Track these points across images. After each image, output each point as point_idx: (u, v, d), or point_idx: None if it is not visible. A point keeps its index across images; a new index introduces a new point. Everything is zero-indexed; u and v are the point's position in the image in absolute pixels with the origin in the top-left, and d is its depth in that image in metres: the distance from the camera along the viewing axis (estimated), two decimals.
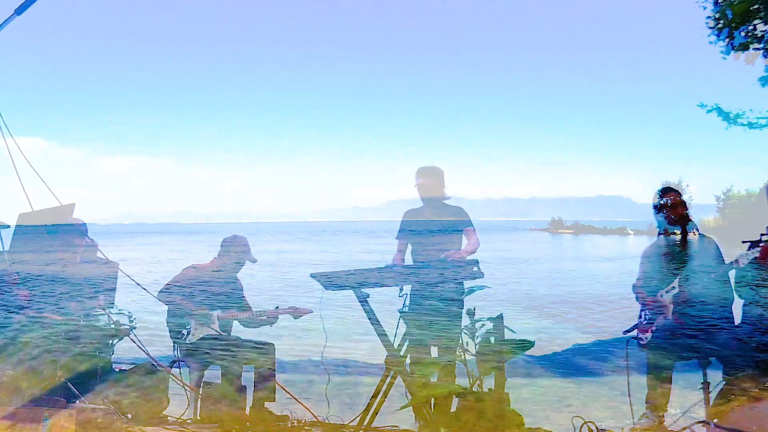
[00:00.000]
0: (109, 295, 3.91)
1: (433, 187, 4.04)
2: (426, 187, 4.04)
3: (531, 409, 4.03)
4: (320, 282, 3.50)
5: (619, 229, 44.29)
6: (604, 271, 16.52)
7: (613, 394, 4.31)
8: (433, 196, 4.04)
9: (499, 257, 19.59)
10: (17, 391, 3.26)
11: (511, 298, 10.41)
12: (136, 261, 16.14)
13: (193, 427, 3.62)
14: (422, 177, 4.04)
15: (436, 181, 4.05)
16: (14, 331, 3.50)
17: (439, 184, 4.06)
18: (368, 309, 3.49)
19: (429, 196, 4.04)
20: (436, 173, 4.05)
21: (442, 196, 4.05)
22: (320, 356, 3.85)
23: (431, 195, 4.04)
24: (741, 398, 3.07)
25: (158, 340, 4.16)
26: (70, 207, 3.91)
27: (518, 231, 51.28)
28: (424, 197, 4.06)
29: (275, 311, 4.10)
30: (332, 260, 19.16)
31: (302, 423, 3.68)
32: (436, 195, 4.05)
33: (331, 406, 3.75)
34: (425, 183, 4.04)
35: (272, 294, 8.97)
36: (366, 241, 30.40)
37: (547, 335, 7.26)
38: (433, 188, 4.05)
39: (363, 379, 4.75)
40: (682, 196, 3.57)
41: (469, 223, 4.00)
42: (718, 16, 8.41)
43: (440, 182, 4.06)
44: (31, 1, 3.66)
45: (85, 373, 3.53)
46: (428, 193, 4.05)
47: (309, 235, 42.66)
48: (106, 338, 3.78)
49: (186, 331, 3.94)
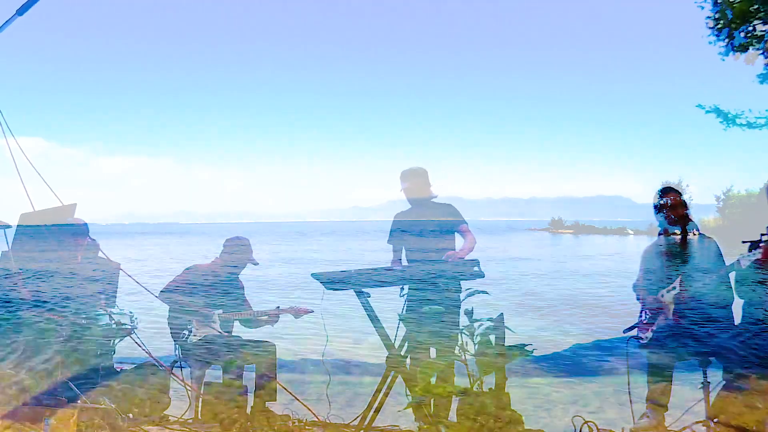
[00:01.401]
0: (110, 295, 3.92)
1: (418, 189, 4.07)
2: (411, 189, 4.07)
3: (531, 409, 4.04)
4: (321, 282, 3.51)
5: (619, 229, 44.27)
6: (604, 271, 16.51)
7: (613, 394, 4.31)
8: (420, 197, 4.07)
9: (498, 257, 19.59)
10: (19, 391, 3.27)
11: (511, 298, 10.42)
12: (136, 261, 16.13)
13: (194, 427, 3.63)
14: (406, 179, 4.07)
15: (421, 181, 4.07)
16: (16, 331, 3.50)
17: (425, 185, 4.08)
18: (369, 309, 3.50)
19: (415, 197, 4.07)
20: (419, 174, 4.07)
21: (429, 196, 4.07)
22: (321, 356, 3.85)
23: (417, 196, 4.07)
24: (741, 397, 3.07)
25: (159, 339, 4.16)
26: (71, 207, 3.92)
27: (518, 231, 51.26)
28: (411, 198, 4.09)
29: (276, 311, 4.11)
30: (332, 260, 19.16)
31: (303, 422, 3.70)
32: (423, 195, 4.08)
33: (331, 406, 3.76)
34: (410, 185, 4.07)
35: (273, 294, 8.97)
36: (366, 241, 30.40)
37: (547, 335, 7.26)
38: (418, 189, 4.07)
39: (363, 378, 4.75)
40: (682, 196, 3.57)
41: (462, 221, 4.01)
42: (718, 17, 8.41)
43: (425, 182, 4.08)
44: (32, 1, 3.66)
45: (87, 373, 3.54)
46: (414, 195, 4.08)
47: (309, 235, 42.65)
48: (107, 338, 3.79)
49: (187, 331, 3.95)
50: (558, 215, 70.31)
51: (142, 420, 3.59)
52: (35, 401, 3.22)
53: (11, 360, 3.40)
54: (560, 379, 5.12)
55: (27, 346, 3.44)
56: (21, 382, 3.32)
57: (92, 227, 4.05)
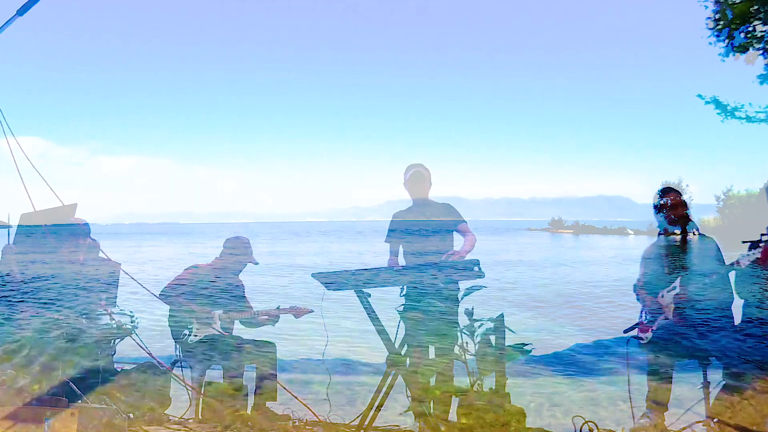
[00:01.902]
0: (111, 295, 3.92)
1: (420, 186, 4.07)
2: (414, 186, 4.07)
3: (531, 409, 4.04)
4: (321, 282, 3.51)
5: (619, 229, 44.33)
6: (604, 271, 16.52)
7: (613, 394, 4.31)
8: (422, 197, 4.07)
9: (498, 257, 19.60)
10: (19, 391, 3.27)
11: (511, 298, 10.43)
12: (137, 261, 16.15)
13: (195, 427, 3.63)
14: (411, 176, 4.06)
15: (424, 180, 4.07)
16: (17, 331, 3.51)
17: (427, 184, 4.08)
18: (369, 309, 3.50)
19: (418, 197, 4.07)
20: (423, 172, 4.07)
21: (429, 196, 4.09)
22: (321, 356, 3.85)
23: (419, 194, 4.07)
24: (741, 397, 3.08)
25: (160, 339, 4.17)
26: (72, 207, 3.92)
27: (518, 231, 51.26)
28: (414, 197, 4.09)
29: (276, 311, 4.11)
30: (333, 260, 19.17)
31: (303, 422, 3.70)
32: (424, 195, 4.08)
33: (332, 406, 3.76)
34: (414, 182, 4.06)
35: (273, 294, 8.98)
36: (366, 240, 30.40)
37: (548, 335, 7.26)
38: (420, 187, 4.07)
39: (364, 378, 4.76)
40: (682, 196, 3.57)
41: (462, 220, 4.01)
42: (718, 17, 8.42)
43: (429, 181, 4.08)
44: (33, 2, 3.66)
45: (87, 373, 3.54)
46: (417, 193, 4.08)
47: (309, 235, 42.65)
48: (108, 338, 3.79)
49: (188, 330, 3.95)
50: (558, 215, 70.33)
51: (143, 420, 3.59)
52: (36, 401, 3.22)
53: (12, 360, 3.40)
54: (560, 379, 5.12)
55: (28, 346, 3.45)
56: (21, 382, 3.32)
57: (91, 227, 4.06)
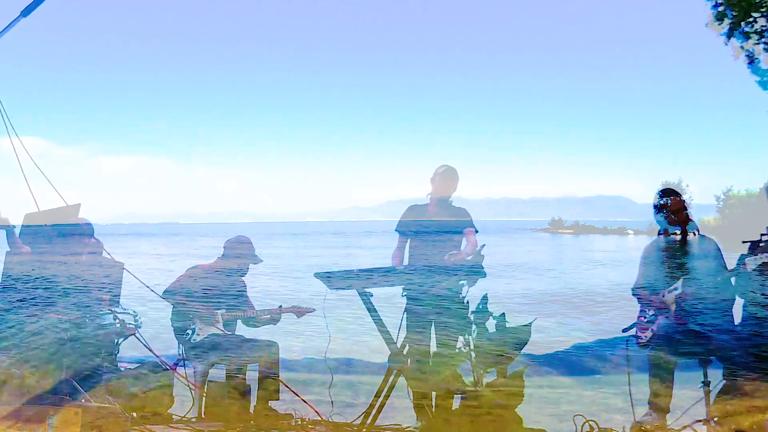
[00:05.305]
0: (114, 295, 3.93)
1: (451, 184, 4.10)
2: (446, 183, 4.09)
3: (531, 408, 4.05)
4: (323, 281, 3.53)
5: (619, 229, 44.31)
6: (604, 271, 16.52)
7: (614, 393, 4.32)
8: (446, 195, 4.10)
9: (498, 257, 19.59)
10: (23, 390, 3.28)
11: (511, 297, 10.42)
12: (139, 261, 16.14)
13: (198, 426, 3.64)
14: (445, 171, 4.09)
15: (455, 179, 4.11)
16: (19, 330, 3.52)
17: (456, 184, 4.12)
18: (371, 308, 3.52)
19: (443, 195, 4.09)
20: (452, 174, 4.10)
21: (450, 198, 4.12)
22: (323, 355, 3.87)
23: (445, 193, 4.10)
24: (741, 397, 3.09)
25: (163, 339, 4.18)
26: (75, 207, 3.93)
27: (518, 231, 51.23)
28: (439, 195, 4.10)
29: (278, 310, 4.13)
30: (334, 260, 19.16)
31: (306, 421, 3.70)
32: (449, 194, 4.11)
33: (334, 405, 3.77)
34: (446, 178, 4.09)
35: (275, 293, 8.98)
36: (366, 240, 30.39)
37: (548, 334, 7.27)
38: (450, 185, 4.10)
39: (366, 377, 4.76)
40: (682, 197, 3.58)
41: (470, 224, 4.03)
42: (720, 9, 8.41)
43: (455, 185, 4.12)
44: (37, 3, 3.68)
45: (91, 372, 3.54)
46: (444, 191, 4.10)
47: (310, 235, 42.64)
48: (111, 337, 3.80)
49: (191, 330, 3.96)
50: (558, 215, 70.34)
51: (146, 419, 3.60)
52: (39, 400, 3.24)
53: (15, 359, 3.41)
54: (561, 379, 5.14)
55: (31, 345, 3.46)
56: (25, 381, 3.33)
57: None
